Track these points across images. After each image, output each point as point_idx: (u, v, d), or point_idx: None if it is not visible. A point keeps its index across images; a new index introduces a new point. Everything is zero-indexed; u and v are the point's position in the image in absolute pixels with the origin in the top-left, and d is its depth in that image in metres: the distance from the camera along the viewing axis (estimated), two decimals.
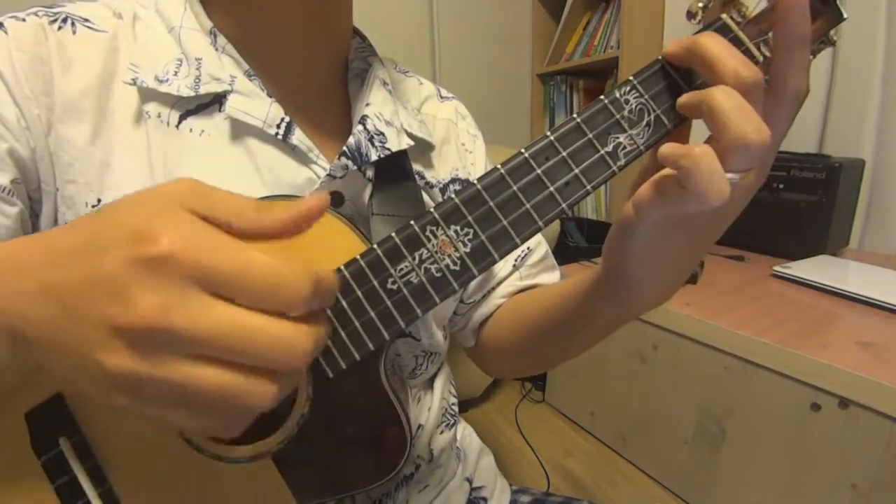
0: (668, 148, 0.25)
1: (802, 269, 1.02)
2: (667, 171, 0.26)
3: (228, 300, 0.19)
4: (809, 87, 0.27)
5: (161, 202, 0.20)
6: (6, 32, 0.32)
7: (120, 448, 0.30)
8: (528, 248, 0.52)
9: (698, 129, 0.28)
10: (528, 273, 0.51)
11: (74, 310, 0.19)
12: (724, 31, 0.28)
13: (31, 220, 0.33)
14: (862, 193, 1.18)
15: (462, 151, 0.50)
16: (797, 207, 1.12)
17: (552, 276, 0.53)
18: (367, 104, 0.40)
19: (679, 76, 0.27)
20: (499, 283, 0.50)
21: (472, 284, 0.50)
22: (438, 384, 0.50)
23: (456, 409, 0.53)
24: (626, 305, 0.34)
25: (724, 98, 0.24)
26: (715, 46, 0.25)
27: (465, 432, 0.57)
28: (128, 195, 0.21)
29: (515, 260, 0.50)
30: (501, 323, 0.50)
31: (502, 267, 0.50)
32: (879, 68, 1.13)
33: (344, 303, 0.26)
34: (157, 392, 0.19)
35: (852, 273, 1.03)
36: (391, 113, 0.41)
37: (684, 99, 0.26)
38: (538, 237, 0.52)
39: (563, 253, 1.26)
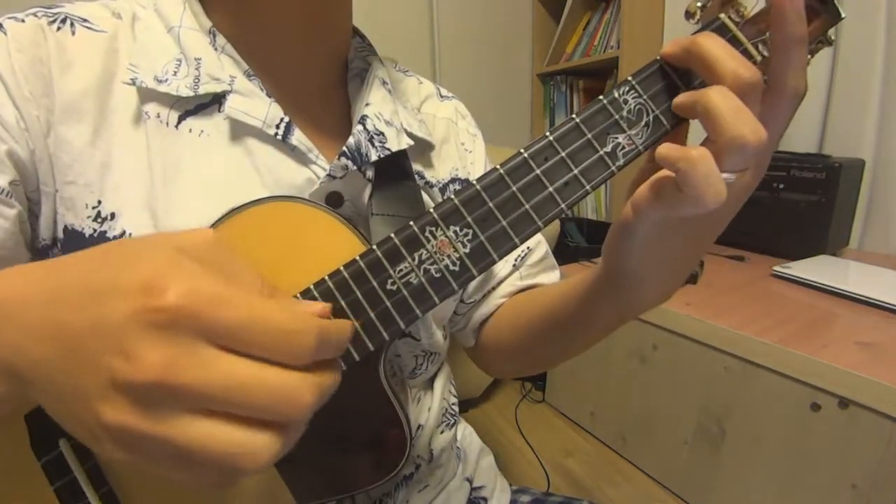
0: (665, 149, 0.25)
1: (802, 269, 1.02)
2: (664, 172, 0.26)
3: (234, 352, 0.19)
4: (807, 86, 0.27)
5: (172, 251, 0.20)
6: (5, 34, 0.32)
7: None
8: (528, 248, 0.52)
9: (697, 129, 0.28)
10: (528, 273, 0.51)
11: (76, 355, 0.19)
12: (722, 30, 0.28)
13: (31, 222, 0.33)
14: (862, 193, 1.18)
15: (462, 151, 0.50)
16: (797, 207, 1.12)
17: (552, 276, 0.53)
18: (367, 104, 0.40)
19: (677, 76, 0.27)
20: (499, 283, 0.50)
21: (472, 284, 0.50)
22: (438, 384, 0.50)
23: (456, 409, 0.53)
24: (627, 304, 0.34)
25: (720, 99, 0.24)
26: (713, 47, 0.25)
27: (465, 432, 0.57)
28: (142, 237, 0.21)
29: (515, 260, 0.50)
30: (501, 323, 0.50)
31: (502, 267, 0.50)
32: (879, 68, 1.13)
33: (343, 303, 0.26)
34: (156, 448, 0.18)
35: (852, 273, 1.03)
36: (391, 113, 0.41)
37: (680, 99, 0.26)
38: (538, 237, 0.53)
39: (563, 253, 1.26)
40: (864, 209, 1.20)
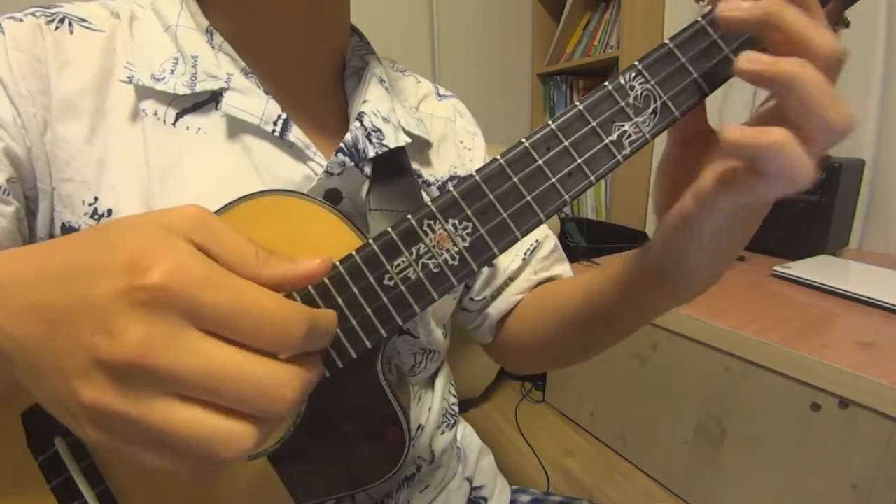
0: (737, 134, 0.22)
1: (802, 269, 1.01)
2: (731, 161, 0.24)
3: (218, 337, 0.18)
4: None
5: (160, 229, 0.19)
6: (3, 33, 0.32)
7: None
8: (537, 241, 0.51)
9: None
10: (541, 266, 0.51)
11: (59, 333, 0.18)
12: None
13: (28, 219, 0.33)
14: (862, 193, 1.17)
15: (461, 149, 0.50)
16: (797, 207, 1.12)
17: (565, 267, 0.52)
18: (364, 101, 0.40)
19: (689, 61, 0.26)
20: (511, 279, 0.50)
21: (479, 281, 0.50)
22: (439, 384, 0.50)
23: (456, 409, 0.53)
24: (682, 292, 0.33)
25: (809, 78, 0.21)
26: (797, 17, 0.22)
27: (465, 432, 0.57)
28: (130, 216, 0.21)
29: (525, 254, 0.50)
30: (522, 320, 0.49)
31: (511, 261, 0.49)
32: (879, 68, 1.13)
33: (340, 300, 0.25)
34: (132, 430, 0.18)
35: (852, 273, 1.02)
36: (388, 110, 0.41)
37: (758, 66, 0.22)
38: (545, 228, 0.52)
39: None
40: (864, 209, 1.20)
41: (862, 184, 1.16)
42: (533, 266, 0.50)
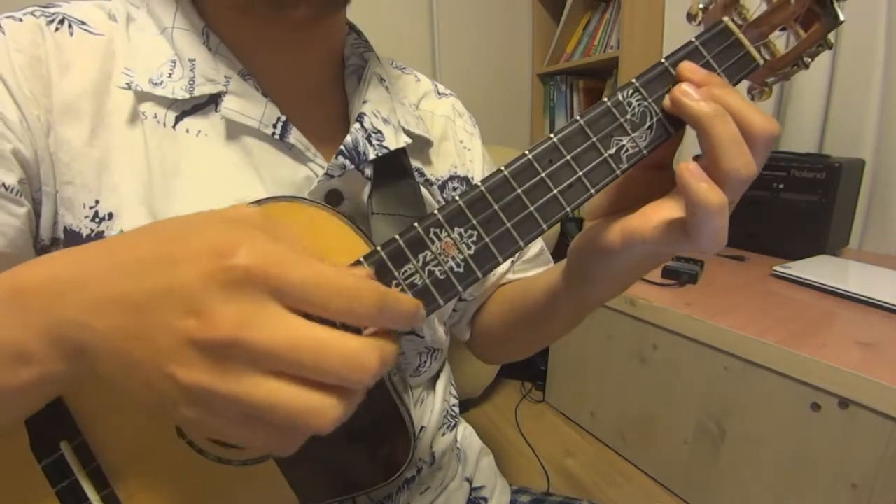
0: (690, 179, 0.25)
1: (802, 269, 1.02)
2: (669, 213, 0.27)
3: (303, 314, 0.19)
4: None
5: (230, 221, 0.20)
6: (4, 33, 0.32)
7: (121, 451, 0.30)
8: None
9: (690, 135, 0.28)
10: (521, 268, 0.54)
11: (147, 321, 0.19)
12: (725, 34, 0.28)
13: (34, 221, 0.33)
14: (862, 193, 1.18)
15: (461, 149, 0.50)
16: (797, 207, 1.12)
17: (542, 270, 0.55)
18: (364, 101, 0.40)
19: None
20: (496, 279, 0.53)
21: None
22: (440, 385, 0.50)
23: (457, 410, 0.53)
24: (585, 301, 0.38)
25: (723, 126, 0.25)
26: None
27: (465, 433, 0.57)
28: (186, 215, 0.22)
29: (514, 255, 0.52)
30: (492, 311, 0.53)
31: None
32: (879, 68, 1.13)
33: None
34: (228, 407, 0.19)
35: (852, 273, 1.03)
36: (388, 110, 0.41)
37: (680, 107, 0.27)
38: None
39: (563, 252, 1.26)
40: (864, 209, 1.20)
41: (862, 184, 1.16)
42: (514, 266, 0.53)
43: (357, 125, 0.38)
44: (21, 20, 0.33)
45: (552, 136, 0.27)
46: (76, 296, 0.20)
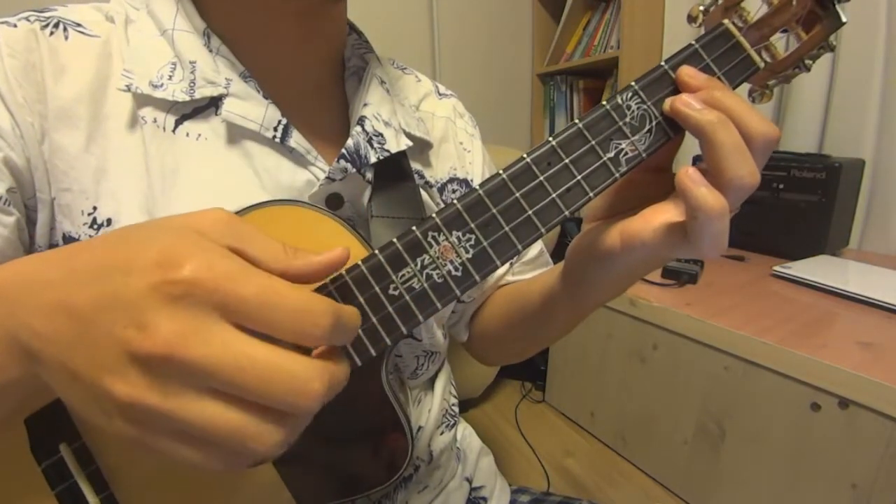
0: (689, 184, 0.25)
1: (802, 269, 1.01)
2: (669, 217, 0.27)
3: (249, 331, 0.19)
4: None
5: (188, 230, 0.20)
6: None
7: (120, 454, 0.30)
8: None
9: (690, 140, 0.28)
10: (520, 270, 0.53)
11: (89, 329, 0.18)
12: (725, 36, 0.28)
13: (28, 229, 0.33)
14: (862, 193, 1.17)
15: (460, 150, 0.50)
16: (797, 207, 1.12)
17: (541, 272, 0.54)
18: (365, 104, 0.40)
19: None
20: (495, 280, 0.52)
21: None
22: (439, 385, 0.50)
23: (456, 409, 0.53)
24: (582, 304, 0.38)
25: (725, 133, 0.25)
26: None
27: (465, 432, 0.57)
28: (153, 220, 0.21)
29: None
30: (491, 313, 0.52)
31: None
32: (879, 68, 1.13)
33: None
34: (162, 423, 0.18)
35: (852, 273, 1.03)
36: (389, 113, 0.41)
37: (679, 110, 0.26)
38: None
39: (563, 252, 1.26)
40: (864, 209, 1.20)
41: (862, 184, 1.16)
42: (513, 268, 0.53)
43: (358, 128, 0.38)
44: (15, 26, 0.32)
45: (551, 139, 0.27)
46: (30, 300, 0.20)
